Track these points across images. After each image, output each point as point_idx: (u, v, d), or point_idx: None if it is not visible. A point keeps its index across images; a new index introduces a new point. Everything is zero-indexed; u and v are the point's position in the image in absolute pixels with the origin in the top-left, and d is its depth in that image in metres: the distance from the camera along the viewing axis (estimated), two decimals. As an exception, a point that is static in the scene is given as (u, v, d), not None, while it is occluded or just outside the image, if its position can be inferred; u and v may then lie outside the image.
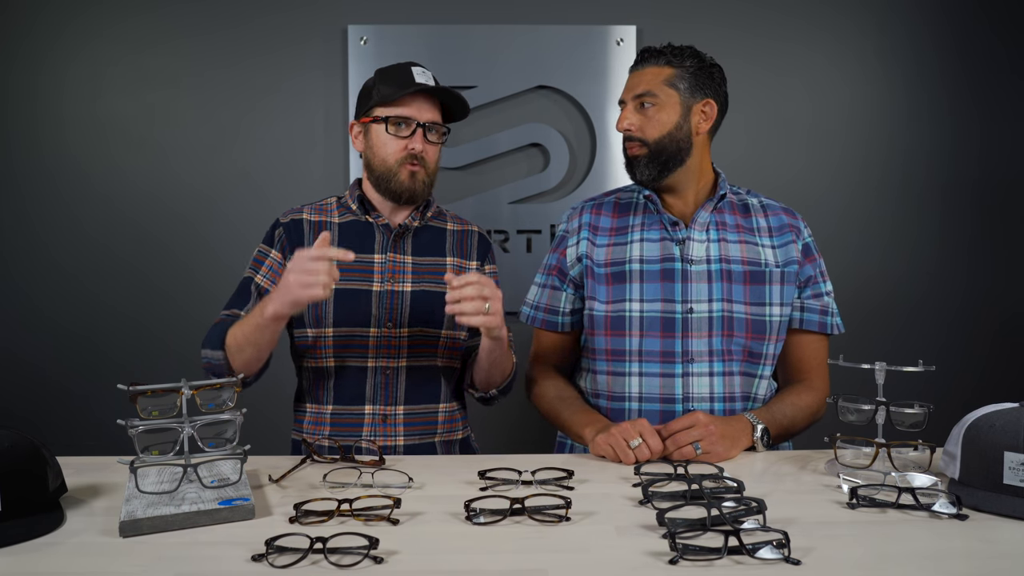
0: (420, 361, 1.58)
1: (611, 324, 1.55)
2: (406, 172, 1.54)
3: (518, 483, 1.20)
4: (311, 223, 1.60)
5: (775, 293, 1.55)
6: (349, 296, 1.55)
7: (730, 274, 1.54)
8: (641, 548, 0.95)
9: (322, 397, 1.58)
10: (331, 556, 0.91)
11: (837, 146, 2.45)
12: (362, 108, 1.58)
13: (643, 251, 1.57)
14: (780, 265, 1.57)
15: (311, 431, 1.57)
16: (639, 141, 1.55)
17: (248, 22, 2.37)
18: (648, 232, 1.59)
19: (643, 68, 1.56)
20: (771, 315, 1.54)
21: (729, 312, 1.52)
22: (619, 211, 1.65)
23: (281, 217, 1.62)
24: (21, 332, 2.40)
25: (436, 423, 1.60)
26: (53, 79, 2.36)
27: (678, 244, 1.56)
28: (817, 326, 1.58)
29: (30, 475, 1.03)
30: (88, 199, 2.39)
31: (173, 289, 2.41)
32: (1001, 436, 1.06)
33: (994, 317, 2.49)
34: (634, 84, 1.57)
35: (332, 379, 1.57)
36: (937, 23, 2.43)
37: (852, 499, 1.10)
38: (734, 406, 1.53)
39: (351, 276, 1.55)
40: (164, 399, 1.11)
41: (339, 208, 1.63)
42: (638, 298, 1.54)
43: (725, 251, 1.56)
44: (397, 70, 1.56)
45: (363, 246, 1.58)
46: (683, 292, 1.53)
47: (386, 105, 1.53)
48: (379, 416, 1.56)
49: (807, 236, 1.62)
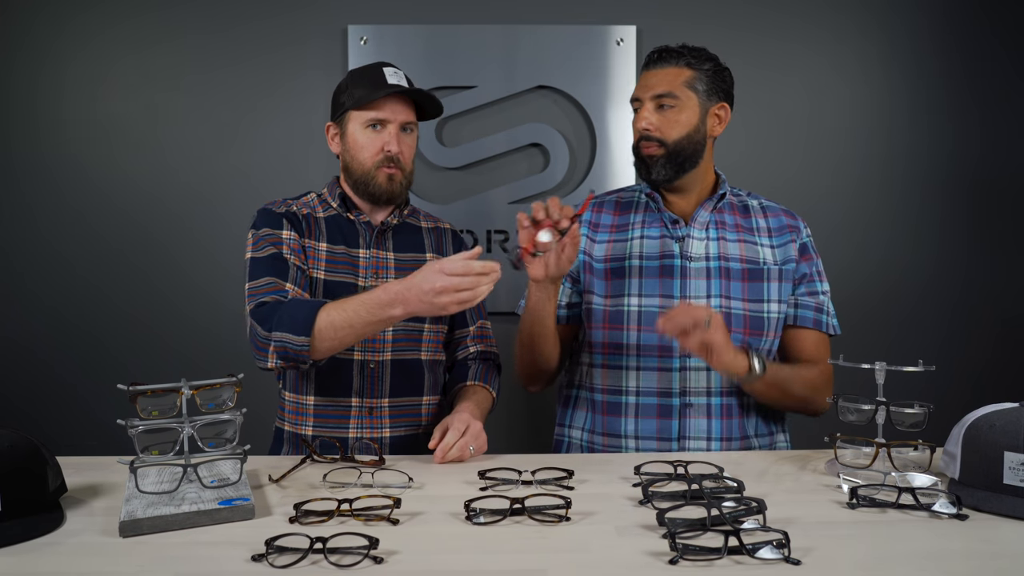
0: (404, 355, 1.59)
1: (609, 318, 1.56)
2: (383, 175, 1.56)
3: (518, 483, 1.20)
4: (297, 212, 1.60)
5: (773, 290, 1.56)
6: (335, 288, 1.56)
7: (728, 271, 1.55)
8: (641, 548, 0.95)
9: (301, 387, 1.58)
10: (331, 556, 0.91)
11: (837, 146, 2.45)
12: (336, 110, 1.59)
13: (643, 248, 1.58)
14: (778, 263, 1.58)
15: (292, 421, 1.58)
16: (657, 141, 1.54)
17: (248, 22, 2.37)
18: (648, 229, 1.60)
19: (661, 68, 1.55)
20: (768, 311, 1.55)
21: (727, 308, 1.54)
22: (620, 209, 1.66)
23: (272, 207, 1.59)
24: (21, 332, 2.40)
25: (420, 415, 1.61)
26: (53, 79, 2.36)
27: (677, 241, 1.57)
28: (812, 323, 1.59)
29: (30, 475, 1.03)
30: (88, 199, 2.39)
31: (174, 289, 2.41)
32: (1001, 436, 1.06)
33: (994, 317, 2.49)
34: (652, 84, 1.54)
35: (314, 370, 1.56)
36: (937, 23, 2.42)
37: (852, 499, 1.10)
38: (731, 401, 1.53)
39: (338, 268, 1.57)
40: (164, 399, 1.11)
41: (321, 204, 1.64)
42: (636, 293, 1.55)
43: (724, 249, 1.57)
44: (369, 71, 1.57)
45: (348, 240, 1.60)
46: (682, 288, 1.54)
47: (361, 108, 1.54)
48: (365, 409, 1.57)
49: (806, 236, 1.64)
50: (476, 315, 1.71)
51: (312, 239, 1.58)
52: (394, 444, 1.56)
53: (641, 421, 1.54)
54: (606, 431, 1.56)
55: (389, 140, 1.54)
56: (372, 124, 1.54)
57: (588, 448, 1.60)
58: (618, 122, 2.38)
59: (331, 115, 1.62)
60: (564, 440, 1.65)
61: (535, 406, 2.39)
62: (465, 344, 1.68)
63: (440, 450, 1.33)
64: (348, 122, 1.57)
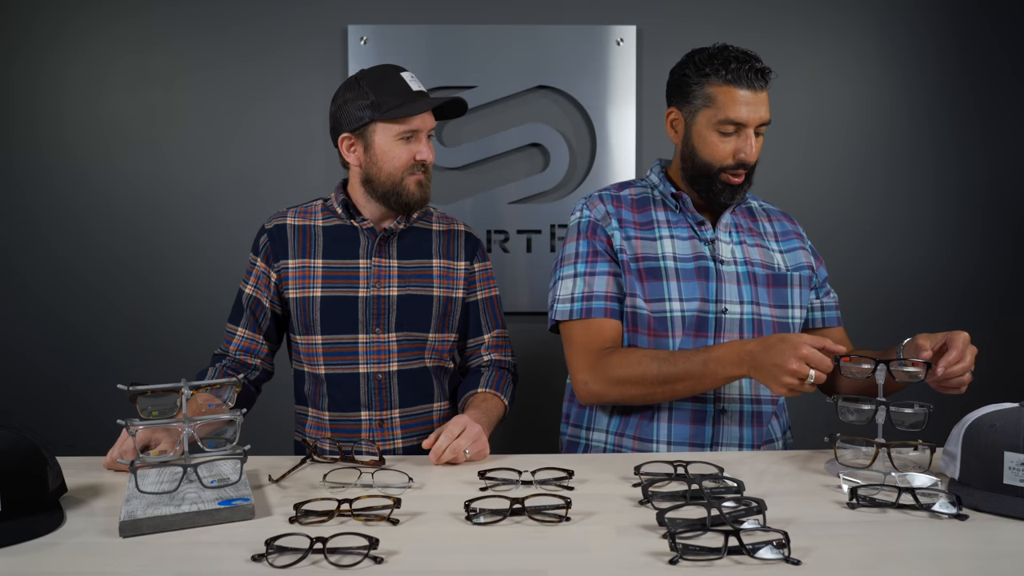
0: (410, 364, 1.58)
1: (655, 324, 1.50)
2: (414, 182, 1.53)
3: (518, 483, 1.20)
4: (295, 227, 1.59)
5: (795, 296, 1.57)
6: (335, 302, 1.55)
7: (755, 276, 1.54)
8: (641, 548, 0.95)
9: (320, 403, 1.59)
10: (331, 556, 0.91)
11: (837, 146, 2.45)
12: (354, 120, 1.51)
13: (675, 248, 1.54)
14: (791, 269, 1.58)
15: (313, 435, 1.58)
16: (748, 169, 1.50)
17: (248, 22, 2.37)
18: (676, 229, 1.56)
19: (763, 91, 1.46)
20: (792, 317, 1.55)
21: (758, 315, 1.52)
22: (638, 206, 1.59)
23: (266, 223, 1.62)
24: (21, 332, 2.40)
25: (432, 423, 1.61)
26: (53, 79, 2.36)
27: (707, 244, 1.55)
28: (837, 321, 1.63)
29: (30, 475, 1.03)
30: (88, 199, 2.39)
31: (173, 289, 2.41)
32: (1001, 436, 1.06)
33: (994, 317, 2.49)
34: (762, 109, 1.46)
35: (325, 385, 1.58)
36: (937, 23, 2.43)
37: (852, 499, 1.10)
38: (762, 408, 1.52)
39: (336, 283, 1.56)
40: (164, 399, 1.11)
41: (324, 211, 1.61)
42: (677, 297, 1.50)
43: (747, 254, 1.56)
44: (389, 79, 1.51)
45: (346, 251, 1.58)
46: (717, 292, 1.51)
47: (393, 120, 1.49)
48: (376, 421, 1.57)
49: (808, 240, 1.66)
50: (492, 323, 1.67)
51: (307, 257, 1.57)
52: (407, 455, 1.53)
53: (675, 426, 1.50)
54: (638, 435, 1.52)
55: (421, 149, 1.51)
56: (405, 136, 1.50)
57: (615, 451, 1.56)
58: (618, 122, 2.38)
59: (343, 125, 1.52)
60: (581, 442, 1.61)
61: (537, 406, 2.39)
62: (479, 353, 1.66)
63: (433, 452, 1.32)
64: (373, 133, 1.50)
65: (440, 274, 1.60)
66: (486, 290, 1.67)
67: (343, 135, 1.54)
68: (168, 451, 1.25)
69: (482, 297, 1.67)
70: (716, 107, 1.46)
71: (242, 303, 1.62)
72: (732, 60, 1.44)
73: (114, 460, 1.26)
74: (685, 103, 1.51)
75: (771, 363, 1.27)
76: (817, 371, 1.24)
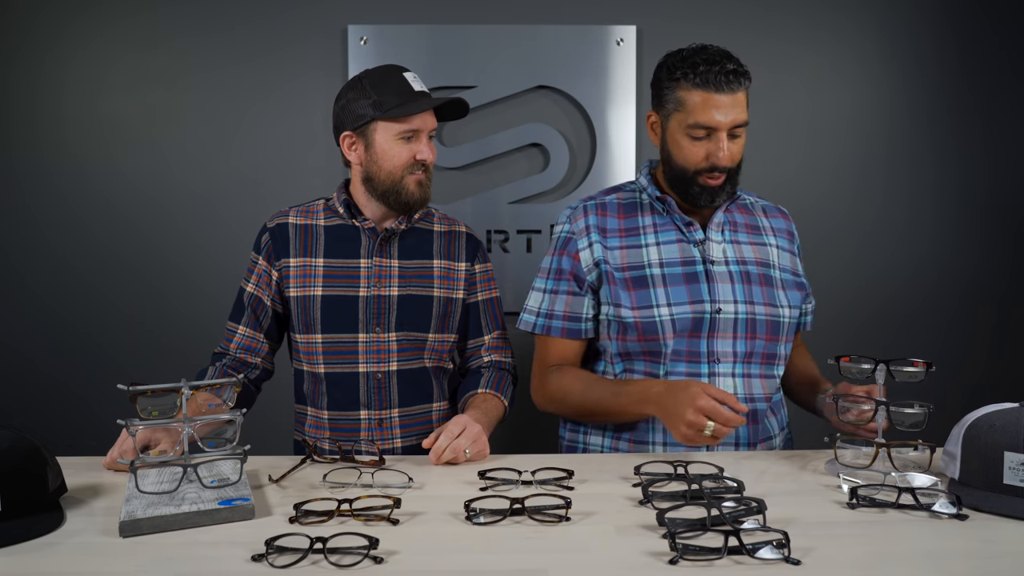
0: (410, 364, 1.59)
1: (643, 329, 1.49)
2: (414, 182, 1.53)
3: (518, 483, 1.20)
4: (296, 226, 1.60)
5: (786, 295, 1.56)
6: (336, 302, 1.55)
7: (748, 275, 1.54)
8: (641, 548, 0.95)
9: (319, 402, 1.59)
10: (331, 556, 0.91)
11: (837, 146, 2.45)
12: (356, 119, 1.52)
13: (661, 254, 1.53)
14: (785, 268, 1.58)
15: (312, 435, 1.58)
16: (726, 171, 1.47)
17: (248, 22, 2.37)
18: (663, 234, 1.55)
19: (738, 92, 1.43)
20: (783, 316, 1.55)
21: (752, 314, 1.51)
22: (624, 212, 1.59)
23: (268, 221, 1.62)
24: (21, 332, 2.40)
25: (431, 423, 1.61)
26: (53, 79, 2.36)
27: (696, 245, 1.53)
28: (808, 326, 1.68)
29: (30, 475, 1.03)
30: (87, 199, 2.38)
31: (173, 289, 2.41)
32: (1001, 436, 1.06)
33: (994, 317, 2.49)
34: (734, 112, 1.42)
35: (325, 384, 1.58)
36: (937, 23, 2.42)
37: (852, 499, 1.10)
38: (755, 407, 1.52)
39: (337, 282, 1.56)
40: (164, 399, 1.11)
41: (326, 211, 1.62)
42: (666, 302, 1.49)
43: (740, 252, 1.55)
44: (390, 78, 1.52)
45: (348, 251, 1.58)
46: (710, 292, 1.50)
47: (393, 119, 1.50)
48: (375, 420, 1.57)
49: (797, 240, 1.67)
50: (492, 324, 1.68)
51: (308, 256, 1.57)
52: (406, 455, 1.54)
53: None
54: (633, 438, 1.53)
55: (421, 149, 1.52)
56: (406, 136, 1.51)
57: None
58: (618, 122, 2.38)
59: (345, 124, 1.54)
60: (579, 446, 1.61)
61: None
62: (479, 354, 1.66)
63: (433, 452, 1.33)
64: (374, 132, 1.51)
65: (441, 275, 1.61)
66: (487, 291, 1.67)
67: (345, 133, 1.55)
68: (168, 451, 1.25)
69: (483, 298, 1.67)
70: (686, 111, 1.44)
71: (243, 301, 1.62)
72: (701, 63, 1.42)
73: (114, 460, 1.26)
74: (660, 106, 1.51)
75: (672, 410, 1.30)
76: (717, 424, 1.25)
